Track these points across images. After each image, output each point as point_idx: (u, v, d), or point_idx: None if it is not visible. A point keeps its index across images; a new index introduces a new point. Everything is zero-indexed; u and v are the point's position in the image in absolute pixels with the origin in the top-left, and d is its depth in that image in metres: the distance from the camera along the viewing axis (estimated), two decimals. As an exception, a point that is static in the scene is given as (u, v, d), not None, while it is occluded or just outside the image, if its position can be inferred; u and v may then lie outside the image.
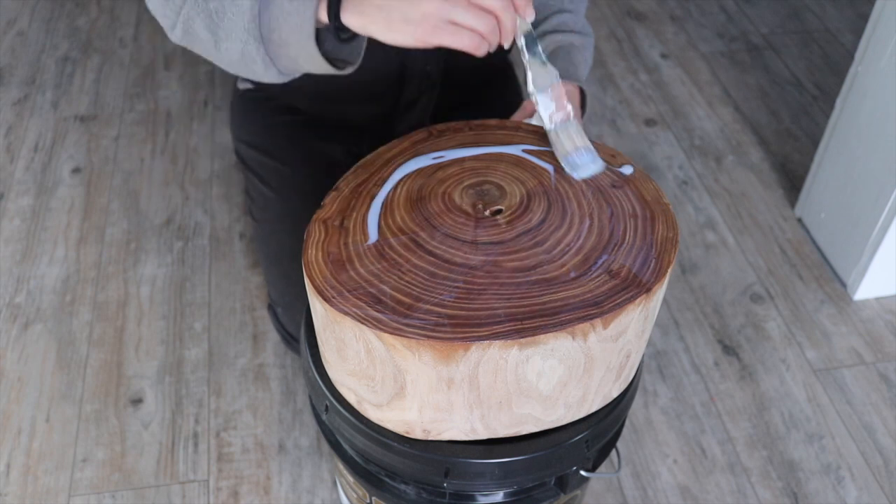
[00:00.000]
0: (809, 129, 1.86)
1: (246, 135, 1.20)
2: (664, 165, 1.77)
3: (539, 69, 0.79)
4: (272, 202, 1.15)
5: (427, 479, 0.80)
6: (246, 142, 1.20)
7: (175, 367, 1.37)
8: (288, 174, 1.14)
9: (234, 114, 1.24)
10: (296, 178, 1.14)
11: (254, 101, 1.20)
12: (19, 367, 1.37)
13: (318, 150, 1.16)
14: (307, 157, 1.16)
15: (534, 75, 0.79)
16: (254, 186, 1.19)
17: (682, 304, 1.49)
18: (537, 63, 0.79)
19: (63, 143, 1.79)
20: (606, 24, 2.18)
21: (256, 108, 1.20)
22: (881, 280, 1.48)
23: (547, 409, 0.72)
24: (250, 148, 1.19)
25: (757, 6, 2.26)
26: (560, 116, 0.81)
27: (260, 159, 1.17)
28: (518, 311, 0.66)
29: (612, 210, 0.76)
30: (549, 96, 0.80)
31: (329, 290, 0.68)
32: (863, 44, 1.40)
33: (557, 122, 0.81)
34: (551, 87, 0.80)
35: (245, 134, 1.21)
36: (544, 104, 0.80)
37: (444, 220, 0.74)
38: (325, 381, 0.80)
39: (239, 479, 1.23)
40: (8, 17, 2.17)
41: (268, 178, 1.16)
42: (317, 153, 1.16)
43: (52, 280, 1.50)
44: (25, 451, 1.26)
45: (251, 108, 1.20)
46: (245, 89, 1.21)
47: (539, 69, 0.79)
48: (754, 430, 1.31)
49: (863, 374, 1.38)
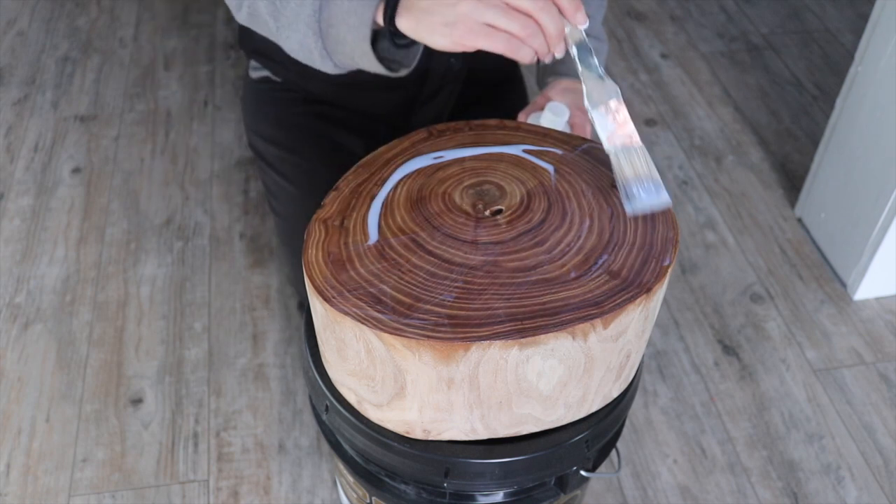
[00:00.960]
0: (809, 129, 1.86)
1: (262, 128, 1.18)
2: (664, 165, 1.77)
3: (595, 83, 0.72)
4: (295, 198, 1.14)
5: (427, 479, 0.80)
6: (262, 135, 1.18)
7: (175, 367, 1.37)
8: (310, 170, 1.13)
9: (246, 105, 1.21)
10: (318, 173, 1.13)
11: (267, 92, 1.18)
12: (19, 367, 1.37)
13: (337, 144, 1.16)
14: (328, 152, 1.15)
15: (588, 90, 0.72)
16: (273, 181, 1.17)
17: (682, 304, 1.49)
18: (593, 77, 0.73)
19: (63, 143, 1.79)
20: (606, 24, 2.17)
21: (270, 100, 1.18)
22: (881, 280, 1.48)
23: (547, 409, 0.72)
24: (267, 142, 1.17)
25: (757, 6, 2.26)
26: (621, 139, 0.73)
27: (279, 154, 1.16)
28: (518, 311, 0.66)
29: (612, 210, 0.76)
30: (605, 114, 0.73)
31: (329, 290, 0.68)
32: (863, 44, 1.40)
33: (618, 144, 0.73)
34: (609, 104, 0.73)
35: (261, 127, 1.19)
36: (601, 123, 0.73)
37: (444, 220, 0.74)
38: (325, 381, 0.80)
39: (239, 479, 1.23)
40: (8, 17, 2.17)
41: (288, 174, 1.15)
42: (337, 147, 1.16)
43: (52, 280, 1.50)
44: (25, 451, 1.26)
45: (265, 98, 1.18)
46: (259, 77, 1.19)
47: (595, 83, 0.72)
48: (754, 430, 1.31)
49: (863, 374, 1.38)
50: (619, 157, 0.73)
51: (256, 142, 1.20)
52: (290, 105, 1.17)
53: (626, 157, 0.73)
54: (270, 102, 1.18)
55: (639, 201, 0.72)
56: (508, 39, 0.68)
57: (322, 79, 0.87)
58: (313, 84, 1.13)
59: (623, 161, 0.73)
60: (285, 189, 1.15)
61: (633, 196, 0.72)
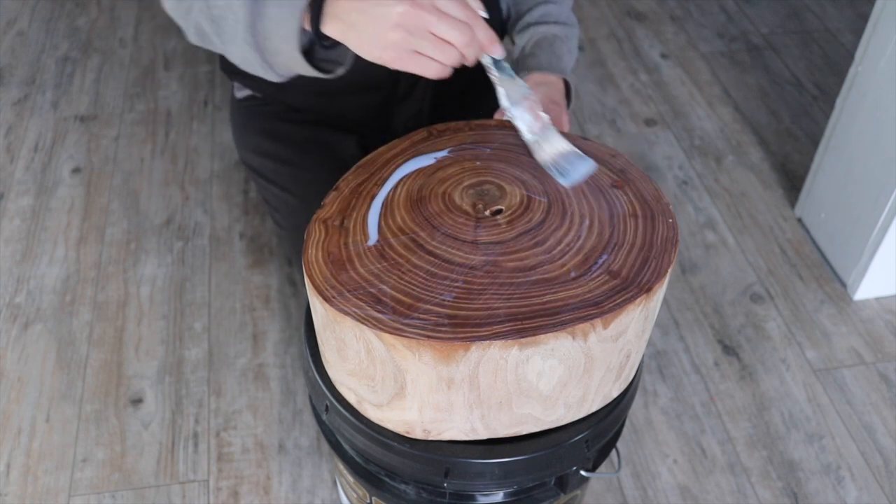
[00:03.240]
0: (809, 129, 1.86)
1: (254, 143, 1.19)
2: (664, 165, 1.77)
3: (510, 85, 0.78)
4: (297, 209, 1.14)
5: (427, 479, 0.80)
6: (256, 151, 1.18)
7: (175, 367, 1.37)
8: (308, 179, 1.14)
9: (235, 124, 1.22)
10: (316, 180, 1.13)
11: (254, 108, 1.19)
12: (19, 367, 1.37)
13: (330, 149, 1.16)
14: (323, 158, 1.15)
15: (506, 91, 0.78)
16: (273, 195, 1.17)
17: (682, 304, 1.49)
18: (507, 79, 0.78)
19: (63, 143, 1.79)
20: (606, 24, 2.17)
21: (258, 115, 1.19)
22: (881, 280, 1.48)
23: (547, 409, 0.72)
24: (263, 157, 1.17)
25: (757, 6, 2.26)
26: (538, 126, 0.80)
27: (274, 167, 1.16)
28: (518, 311, 0.66)
29: (612, 210, 0.76)
30: (524, 109, 0.79)
31: (329, 290, 0.68)
32: (863, 44, 1.40)
33: (537, 131, 0.80)
34: (525, 100, 0.79)
35: (253, 142, 1.19)
36: (521, 118, 0.79)
37: (444, 220, 0.74)
38: (325, 381, 0.80)
39: (239, 479, 1.23)
40: (8, 17, 2.17)
41: (287, 185, 1.15)
42: (331, 151, 1.16)
43: (52, 280, 1.50)
44: (25, 451, 1.26)
45: (253, 114, 1.19)
46: (242, 97, 1.20)
47: (510, 85, 0.78)
48: (754, 430, 1.31)
49: (863, 374, 1.38)
50: (540, 143, 0.80)
51: (251, 158, 1.20)
52: (278, 117, 1.17)
53: (546, 140, 0.80)
54: (259, 117, 1.18)
55: (571, 174, 0.78)
56: (436, 67, 0.73)
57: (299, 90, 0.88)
58: (292, 97, 1.14)
59: (545, 144, 0.79)
60: (287, 202, 1.15)
61: (565, 171, 0.78)
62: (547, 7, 1.08)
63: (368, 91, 1.09)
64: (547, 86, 1.01)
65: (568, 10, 1.11)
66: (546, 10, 1.08)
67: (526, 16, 1.09)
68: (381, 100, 1.12)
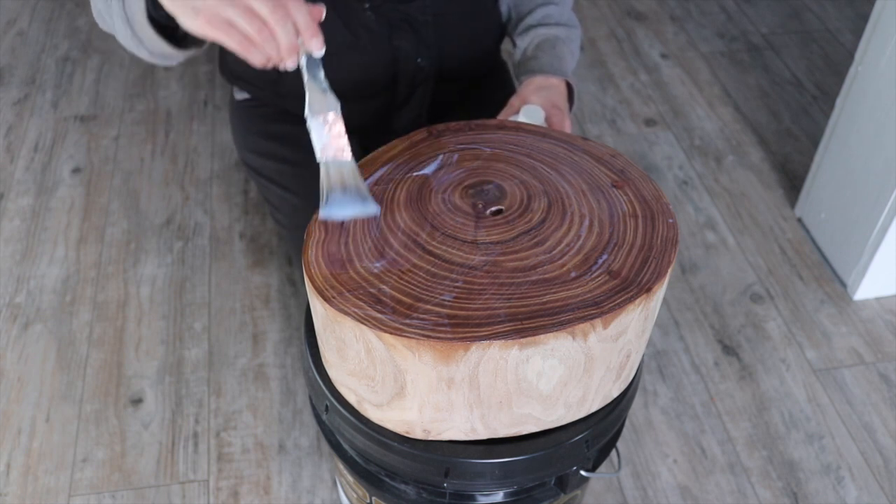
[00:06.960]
0: (809, 129, 1.86)
1: (255, 144, 1.19)
2: (664, 165, 1.77)
3: (317, 94, 0.75)
4: (300, 209, 1.14)
5: (427, 479, 0.80)
6: (257, 151, 1.18)
7: (175, 367, 1.37)
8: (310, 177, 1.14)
9: (235, 126, 1.22)
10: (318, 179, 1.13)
11: (253, 109, 1.19)
12: (19, 367, 1.37)
13: None
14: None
15: (310, 99, 0.75)
16: (275, 195, 1.17)
17: (682, 304, 1.49)
18: (317, 88, 0.75)
19: (63, 143, 1.79)
20: (606, 24, 2.17)
21: (258, 116, 1.19)
22: (881, 280, 1.48)
23: (547, 409, 0.72)
24: (263, 157, 1.17)
25: (757, 6, 2.26)
26: (333, 150, 0.76)
27: (276, 167, 1.16)
28: (518, 311, 0.66)
29: (612, 210, 0.76)
30: (322, 124, 0.75)
31: (329, 290, 0.68)
32: (863, 44, 1.40)
33: (329, 156, 0.76)
34: (327, 116, 0.75)
35: (254, 143, 1.19)
36: (317, 132, 0.75)
37: (444, 220, 0.74)
38: (325, 381, 0.80)
39: (239, 479, 1.23)
40: (8, 17, 2.17)
41: (290, 185, 1.14)
42: None
43: (52, 280, 1.50)
44: (25, 451, 1.26)
45: (253, 115, 1.19)
46: (241, 99, 1.20)
47: (317, 94, 0.75)
48: (754, 430, 1.31)
49: (863, 374, 1.38)
50: (328, 167, 0.76)
51: (252, 159, 1.20)
52: (277, 120, 1.17)
53: (336, 168, 0.76)
54: (259, 118, 1.18)
55: (335, 208, 0.75)
56: (242, 39, 0.71)
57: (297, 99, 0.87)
58: (288, 102, 1.14)
59: (332, 171, 0.76)
60: (290, 201, 1.15)
61: (331, 202, 0.75)
62: (548, 8, 1.08)
63: (367, 98, 1.09)
64: (548, 90, 1.01)
65: (569, 11, 1.10)
66: (547, 12, 1.08)
67: (527, 18, 1.08)
68: (379, 106, 1.12)
